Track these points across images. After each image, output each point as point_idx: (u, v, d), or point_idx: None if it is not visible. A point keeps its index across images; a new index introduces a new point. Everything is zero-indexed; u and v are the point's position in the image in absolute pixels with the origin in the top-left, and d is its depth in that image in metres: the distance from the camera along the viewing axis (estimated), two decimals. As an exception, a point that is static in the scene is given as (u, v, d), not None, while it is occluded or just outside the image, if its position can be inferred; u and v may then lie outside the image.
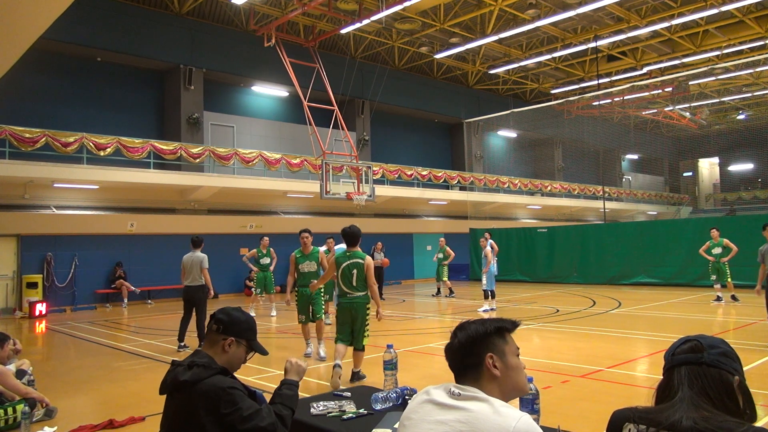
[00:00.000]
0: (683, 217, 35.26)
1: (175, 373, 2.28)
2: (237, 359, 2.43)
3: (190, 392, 2.22)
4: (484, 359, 1.71)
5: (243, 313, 2.52)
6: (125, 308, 16.14)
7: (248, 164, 18.40)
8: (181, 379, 2.23)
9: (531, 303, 14.97)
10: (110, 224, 16.63)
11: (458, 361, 1.76)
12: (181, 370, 2.28)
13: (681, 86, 25.56)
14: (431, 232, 24.28)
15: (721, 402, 1.48)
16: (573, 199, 30.58)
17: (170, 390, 2.30)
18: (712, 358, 1.54)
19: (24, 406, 4.95)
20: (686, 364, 1.56)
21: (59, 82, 17.49)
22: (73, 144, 15.19)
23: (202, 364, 2.28)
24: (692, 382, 1.52)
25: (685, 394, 1.50)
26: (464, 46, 21.21)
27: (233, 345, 2.41)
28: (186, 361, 2.33)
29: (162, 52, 18.74)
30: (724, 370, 1.52)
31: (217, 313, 2.50)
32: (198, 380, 2.22)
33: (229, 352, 2.40)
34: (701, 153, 40.42)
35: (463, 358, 1.74)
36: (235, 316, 2.48)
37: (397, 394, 2.97)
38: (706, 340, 1.59)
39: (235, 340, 2.42)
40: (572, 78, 27.20)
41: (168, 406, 2.33)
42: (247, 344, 2.45)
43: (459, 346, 1.75)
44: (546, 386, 5.99)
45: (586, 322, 11.11)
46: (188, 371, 2.26)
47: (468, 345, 1.74)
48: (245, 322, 2.48)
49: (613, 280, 19.22)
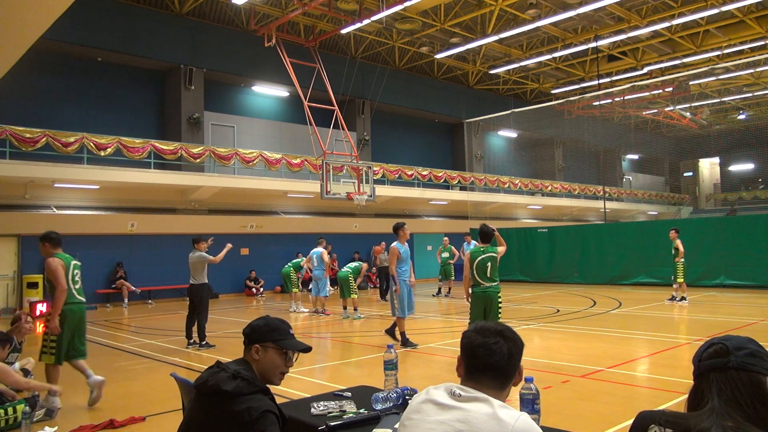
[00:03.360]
0: (684, 217, 35.25)
1: (218, 379, 2.20)
2: (271, 365, 2.37)
3: (226, 403, 2.16)
4: (519, 367, 1.78)
5: (263, 318, 2.47)
6: (126, 308, 16.15)
7: (249, 164, 18.41)
8: (224, 388, 2.17)
9: (531, 303, 14.97)
10: (111, 224, 16.64)
11: (500, 369, 1.74)
12: (225, 378, 2.21)
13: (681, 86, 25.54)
14: (432, 232, 24.28)
15: (752, 409, 1.42)
16: (573, 199, 30.57)
17: (208, 393, 2.22)
18: (739, 361, 1.47)
19: (24, 406, 4.95)
20: (713, 371, 1.49)
21: (60, 83, 17.50)
22: (73, 144, 15.19)
23: (247, 378, 2.23)
24: (721, 390, 1.45)
25: (715, 404, 1.43)
26: (465, 46, 21.21)
27: (260, 351, 2.37)
28: (231, 368, 2.27)
29: (162, 52, 18.74)
30: (754, 372, 1.45)
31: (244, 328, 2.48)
32: (239, 394, 2.16)
33: (259, 359, 2.37)
34: (702, 153, 40.40)
35: (510, 365, 1.75)
36: (253, 323, 2.45)
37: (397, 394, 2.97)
38: (732, 342, 1.52)
39: (261, 346, 2.38)
40: (573, 78, 27.20)
41: (197, 407, 2.27)
42: (275, 346, 2.38)
43: (510, 355, 1.75)
44: (546, 386, 5.99)
45: (586, 323, 11.11)
46: (232, 381, 2.19)
47: (517, 355, 1.77)
48: (265, 326, 2.43)
49: (613, 280, 19.21)
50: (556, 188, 29.40)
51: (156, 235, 17.45)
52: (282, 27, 18.09)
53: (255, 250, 19.64)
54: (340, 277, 13.24)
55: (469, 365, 1.76)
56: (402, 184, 22.80)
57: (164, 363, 8.16)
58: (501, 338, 1.75)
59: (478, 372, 1.74)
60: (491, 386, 1.71)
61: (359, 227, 22.08)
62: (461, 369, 1.78)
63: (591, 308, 13.33)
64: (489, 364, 1.73)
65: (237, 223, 18.72)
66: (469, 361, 1.76)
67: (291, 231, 20.41)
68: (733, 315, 11.79)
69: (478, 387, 1.69)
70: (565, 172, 32.75)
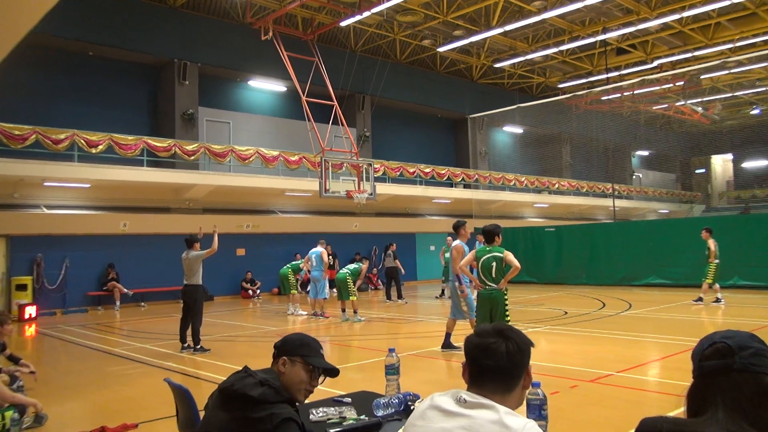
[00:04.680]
0: (696, 215, 35.20)
1: (245, 384, 2.26)
2: (296, 378, 2.42)
3: (249, 409, 2.20)
4: (526, 369, 1.74)
5: (298, 334, 2.55)
6: (117, 311, 16.14)
7: (245, 162, 18.41)
8: (249, 393, 2.22)
9: (538, 305, 14.96)
10: (102, 224, 16.64)
11: (501, 370, 1.70)
12: (252, 383, 2.26)
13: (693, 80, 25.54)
14: (434, 232, 24.27)
15: (757, 415, 1.37)
16: (581, 197, 30.55)
17: (232, 397, 2.26)
18: (743, 362, 1.41)
19: (13, 412, 4.94)
20: (715, 373, 1.44)
21: (50, 78, 17.49)
22: (64, 141, 15.19)
23: (275, 387, 2.28)
24: (724, 395, 1.40)
25: (718, 410, 1.39)
26: (468, 39, 21.19)
27: (287, 364, 2.43)
28: (259, 375, 2.32)
29: (155, 46, 18.73)
30: (760, 373, 1.40)
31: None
32: (264, 402, 2.22)
33: (285, 372, 2.42)
34: (714, 149, 40.33)
35: (513, 366, 1.71)
36: (287, 337, 2.54)
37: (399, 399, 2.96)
38: (735, 340, 1.46)
39: (288, 359, 2.44)
40: (580, 72, 27.17)
41: (218, 411, 2.29)
42: (302, 361, 2.45)
43: (510, 354, 1.71)
44: (553, 391, 5.97)
45: (595, 325, 11.09)
46: (259, 388, 2.25)
47: (519, 354, 1.72)
48: (297, 340, 2.51)
49: (623, 281, 19.19)
50: (563, 186, 29.37)
51: (149, 235, 17.45)
52: (279, 19, 18.08)
53: (251, 251, 19.63)
54: (338, 278, 13.19)
55: (470, 370, 1.75)
56: (404, 181, 22.79)
57: (157, 368, 8.15)
58: (500, 337, 1.73)
59: (480, 375, 1.72)
60: (494, 390, 1.68)
61: (359, 227, 22.07)
62: (466, 375, 1.77)
63: (600, 310, 13.31)
64: (488, 365, 1.70)
65: (233, 223, 18.71)
66: (470, 365, 1.75)
67: (289, 231, 20.40)
68: (747, 317, 11.78)
69: (482, 392, 1.67)
70: (572, 169, 32.72)
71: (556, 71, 27.46)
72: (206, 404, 2.39)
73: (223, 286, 18.89)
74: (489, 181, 26.05)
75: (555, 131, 30.43)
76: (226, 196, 18.77)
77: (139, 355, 9.21)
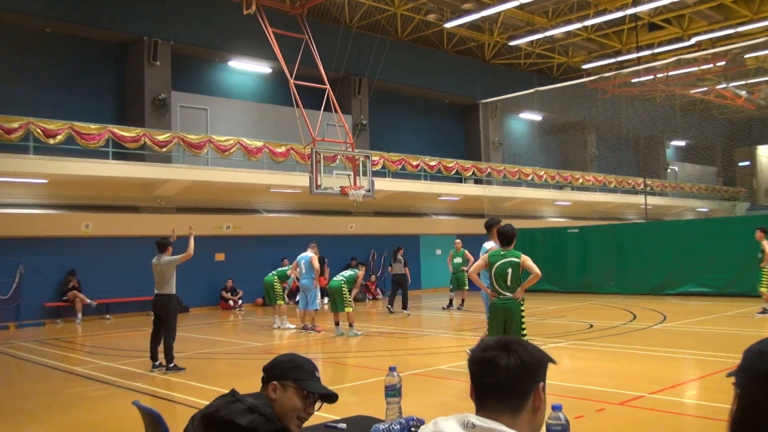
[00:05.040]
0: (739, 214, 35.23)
1: (232, 411, 2.26)
2: (288, 405, 2.44)
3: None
4: (536, 388, 1.69)
5: (289, 354, 2.57)
6: (79, 324, 16.15)
7: (224, 154, 18.41)
8: (237, 421, 2.22)
9: (560, 317, 14.97)
10: (62, 225, 16.64)
11: (502, 387, 1.67)
12: (240, 410, 2.26)
13: (736, 60, 25.53)
14: (441, 233, 24.29)
15: None
16: (609, 194, 30.59)
17: (217, 424, 2.26)
18: None
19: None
20: (762, 393, 1.40)
21: (1, 58, 17.48)
22: (17, 130, 15.17)
23: (265, 414, 2.28)
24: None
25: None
26: (479, 13, 21.19)
27: (278, 390, 2.45)
28: (248, 401, 2.32)
29: (122, 22, 18.73)
30: None
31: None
32: (253, 430, 2.22)
33: (276, 398, 2.44)
34: (760, 139, 40.25)
35: (516, 383, 1.67)
36: (277, 358, 2.55)
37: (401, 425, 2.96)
38: None
39: (279, 384, 2.45)
40: (607, 51, 27.19)
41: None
42: (296, 385, 2.46)
43: (510, 369, 1.66)
44: (577, 416, 5.97)
45: (624, 340, 11.10)
46: (248, 415, 2.25)
47: (522, 369, 1.68)
48: (289, 362, 2.52)
49: (656, 289, 19.21)
50: (588, 181, 29.40)
51: (115, 237, 17.45)
52: (263, -9, 18.06)
53: (232, 256, 19.64)
54: (331, 287, 13.07)
55: (474, 389, 1.72)
56: (406, 176, 22.81)
57: (125, 389, 8.15)
58: (503, 351, 1.68)
59: (483, 395, 1.69)
60: (499, 411, 1.65)
61: (356, 228, 22.08)
62: (473, 395, 1.76)
63: (630, 323, 13.33)
64: (489, 383, 1.67)
65: (211, 224, 18.71)
66: (474, 384, 1.72)
67: (275, 233, 20.41)
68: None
69: (488, 415, 1.64)
70: (598, 162, 32.76)
71: (579, 50, 27.47)
72: (185, 430, 2.38)
73: (200, 295, 18.89)
74: (503, 176, 26.06)
75: (578, 119, 30.43)
76: (203, 193, 18.77)
77: (105, 374, 9.19)
